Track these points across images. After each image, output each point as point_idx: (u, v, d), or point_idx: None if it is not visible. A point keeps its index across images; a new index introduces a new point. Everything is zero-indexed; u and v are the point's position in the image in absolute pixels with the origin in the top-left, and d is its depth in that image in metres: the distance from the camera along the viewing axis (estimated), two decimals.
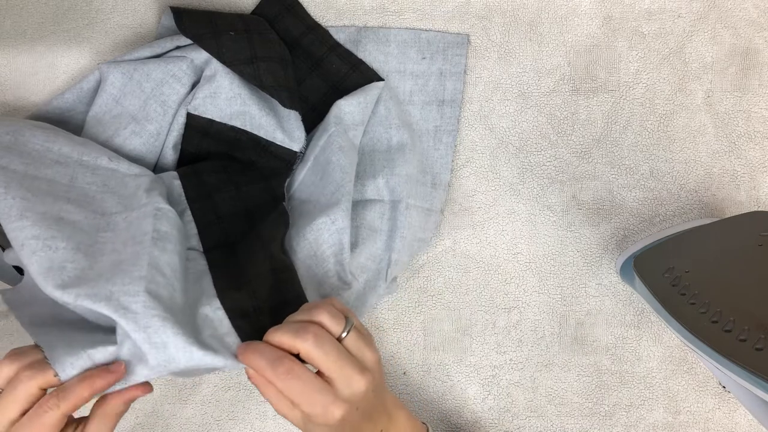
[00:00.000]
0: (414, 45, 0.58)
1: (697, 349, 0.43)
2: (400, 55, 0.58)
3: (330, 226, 0.51)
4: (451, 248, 0.58)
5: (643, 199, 0.58)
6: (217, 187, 0.53)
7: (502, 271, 0.58)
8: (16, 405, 0.39)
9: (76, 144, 0.49)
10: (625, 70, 0.59)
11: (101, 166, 0.49)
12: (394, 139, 0.57)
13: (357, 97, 0.55)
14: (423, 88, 0.58)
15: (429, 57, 0.58)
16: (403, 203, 0.55)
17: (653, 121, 0.59)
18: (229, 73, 0.54)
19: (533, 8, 0.59)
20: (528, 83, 0.59)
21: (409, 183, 0.56)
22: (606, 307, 0.58)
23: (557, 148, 0.59)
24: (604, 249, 0.58)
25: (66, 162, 0.48)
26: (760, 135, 0.59)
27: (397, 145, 0.57)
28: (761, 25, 0.59)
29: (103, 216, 0.47)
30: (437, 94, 0.58)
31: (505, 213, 0.58)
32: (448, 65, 0.58)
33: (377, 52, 0.58)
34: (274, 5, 0.58)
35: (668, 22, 0.59)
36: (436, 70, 0.58)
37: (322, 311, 0.43)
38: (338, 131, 0.54)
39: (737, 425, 0.57)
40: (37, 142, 0.48)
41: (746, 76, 0.59)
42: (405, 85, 0.58)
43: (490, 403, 0.58)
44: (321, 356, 0.41)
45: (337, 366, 0.42)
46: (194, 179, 0.53)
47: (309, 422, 0.42)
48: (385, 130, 0.57)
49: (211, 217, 0.52)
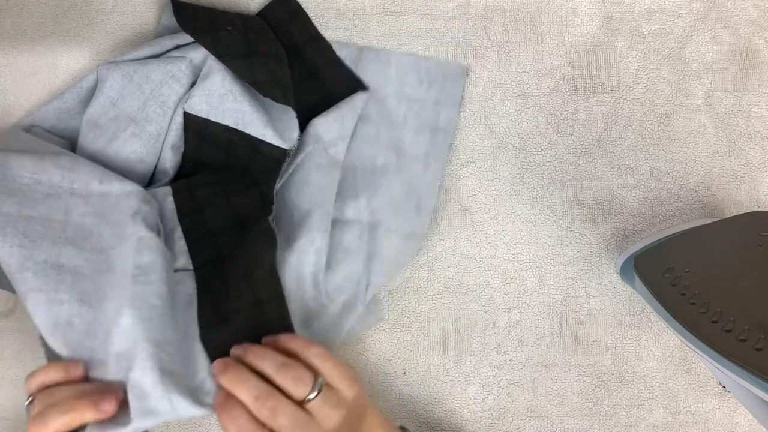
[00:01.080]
0: (413, 71, 0.58)
1: (697, 349, 0.43)
2: (399, 79, 0.58)
3: (309, 247, 0.51)
4: (451, 248, 0.58)
5: (643, 199, 0.58)
6: (210, 200, 0.53)
7: (502, 271, 0.58)
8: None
9: (64, 170, 0.48)
10: (625, 70, 0.59)
11: (93, 193, 0.49)
12: (379, 160, 0.57)
13: (334, 112, 0.55)
14: (418, 113, 0.58)
15: (427, 84, 0.58)
16: (382, 227, 0.55)
17: (653, 121, 0.59)
18: (222, 70, 0.53)
19: (533, 8, 0.59)
20: (528, 83, 0.59)
21: (391, 206, 0.56)
22: (606, 307, 0.58)
23: (557, 148, 0.59)
24: (604, 249, 0.58)
25: (57, 193, 0.48)
26: (760, 135, 0.59)
27: (381, 167, 0.57)
28: (761, 25, 0.59)
29: (101, 253, 0.46)
30: (431, 121, 0.58)
31: (505, 213, 0.58)
32: (444, 95, 0.58)
33: (376, 72, 0.58)
34: (278, 10, 0.58)
35: (668, 22, 0.59)
36: (432, 99, 0.58)
37: (287, 376, 0.42)
38: (316, 149, 0.54)
39: (737, 425, 0.57)
40: (26, 174, 0.47)
41: (746, 76, 0.59)
42: (400, 109, 0.58)
43: (490, 403, 0.58)
44: (277, 428, 0.41)
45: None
46: (186, 195, 0.53)
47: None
48: (372, 150, 0.57)
49: (203, 231, 0.52)
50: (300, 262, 0.51)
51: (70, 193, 0.48)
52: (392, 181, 0.56)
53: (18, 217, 0.45)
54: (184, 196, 0.53)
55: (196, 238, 0.51)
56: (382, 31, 0.59)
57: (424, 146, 0.58)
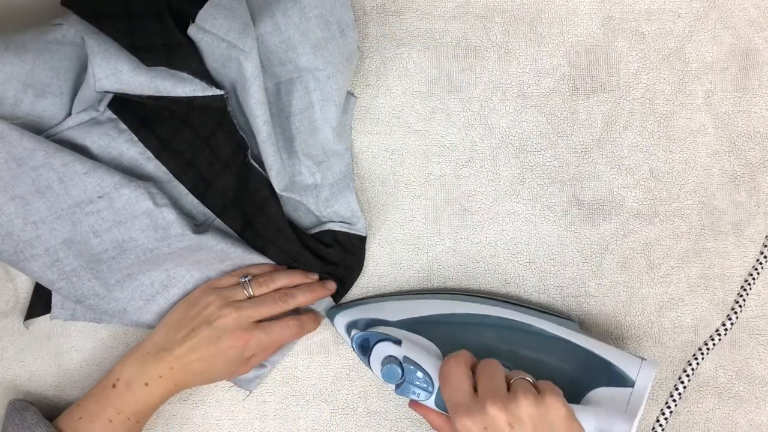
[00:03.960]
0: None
1: None
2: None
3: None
4: (451, 248, 0.58)
5: (643, 199, 0.58)
6: (193, 153, 0.54)
7: (502, 271, 0.58)
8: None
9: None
10: (625, 70, 0.59)
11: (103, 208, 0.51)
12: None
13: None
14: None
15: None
16: (324, 72, 0.53)
17: (653, 121, 0.59)
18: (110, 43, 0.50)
19: (533, 8, 0.59)
20: (528, 83, 0.59)
21: (318, 50, 0.53)
22: (606, 307, 0.58)
23: (557, 148, 0.59)
24: (604, 249, 0.58)
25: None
26: (760, 135, 0.59)
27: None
28: (761, 25, 0.59)
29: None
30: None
31: (505, 213, 0.58)
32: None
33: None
34: None
35: (668, 22, 0.59)
36: None
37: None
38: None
39: (737, 425, 0.57)
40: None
41: (746, 76, 0.59)
42: None
43: None
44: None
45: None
46: (169, 152, 0.54)
47: None
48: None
49: (204, 186, 0.55)
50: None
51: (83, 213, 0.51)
52: (307, 13, 0.52)
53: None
54: (167, 155, 0.53)
55: (202, 191, 0.54)
56: (382, 31, 0.59)
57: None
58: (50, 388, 0.57)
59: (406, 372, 0.49)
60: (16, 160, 0.49)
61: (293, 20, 0.52)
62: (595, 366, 0.52)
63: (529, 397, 0.42)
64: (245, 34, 0.50)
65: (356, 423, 0.57)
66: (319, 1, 0.52)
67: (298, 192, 0.56)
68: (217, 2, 0.50)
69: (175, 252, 0.53)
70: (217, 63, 0.51)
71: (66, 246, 0.51)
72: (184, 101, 0.51)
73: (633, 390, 0.50)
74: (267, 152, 0.53)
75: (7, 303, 0.57)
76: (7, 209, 0.49)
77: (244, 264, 0.55)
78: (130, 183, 0.51)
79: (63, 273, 0.52)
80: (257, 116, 0.51)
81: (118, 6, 0.50)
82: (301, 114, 0.55)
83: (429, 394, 0.49)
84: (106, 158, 0.53)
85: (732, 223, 0.58)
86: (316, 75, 0.54)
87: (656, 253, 0.58)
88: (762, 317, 0.58)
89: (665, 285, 0.58)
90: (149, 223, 0.51)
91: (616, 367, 0.51)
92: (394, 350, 0.50)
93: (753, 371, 0.57)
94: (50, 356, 0.57)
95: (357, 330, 0.53)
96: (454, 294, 0.57)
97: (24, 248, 0.51)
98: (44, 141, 0.50)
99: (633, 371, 0.50)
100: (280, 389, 0.58)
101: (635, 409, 0.49)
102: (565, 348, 0.53)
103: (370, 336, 0.52)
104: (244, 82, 0.50)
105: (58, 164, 0.49)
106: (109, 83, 0.50)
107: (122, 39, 0.49)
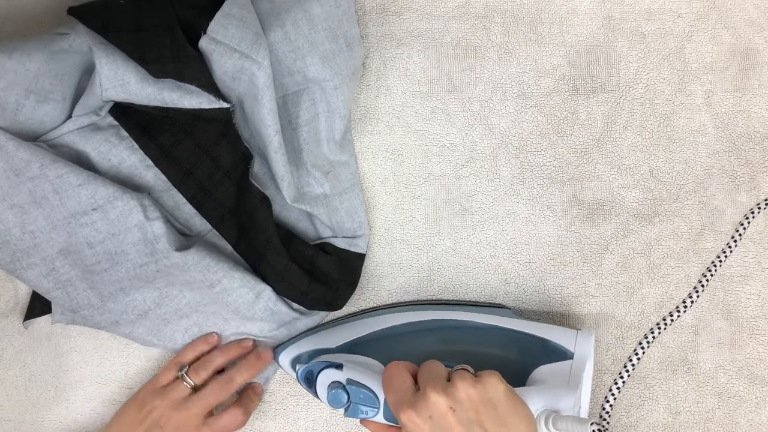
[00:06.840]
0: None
1: None
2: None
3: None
4: (451, 248, 0.58)
5: (643, 199, 0.58)
6: (193, 161, 0.54)
7: (502, 271, 0.58)
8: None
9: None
10: (625, 70, 0.59)
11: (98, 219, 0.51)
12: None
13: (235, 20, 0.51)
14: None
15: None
16: (331, 83, 0.54)
17: (653, 121, 0.59)
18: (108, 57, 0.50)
19: (533, 8, 0.59)
20: (528, 83, 0.59)
21: (326, 61, 0.53)
22: (606, 307, 0.58)
23: (557, 148, 0.59)
24: (604, 249, 0.58)
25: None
26: (760, 135, 0.59)
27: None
28: (761, 25, 0.59)
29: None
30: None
31: (505, 213, 0.58)
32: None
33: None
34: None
35: (668, 22, 0.59)
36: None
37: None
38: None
39: (737, 425, 0.57)
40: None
41: (746, 76, 0.59)
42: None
43: None
44: None
45: None
46: (169, 162, 0.53)
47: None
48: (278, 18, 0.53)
49: (203, 195, 0.55)
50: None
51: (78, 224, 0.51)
52: (317, 25, 0.53)
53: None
54: (167, 163, 0.53)
55: (201, 201, 0.54)
56: (382, 31, 0.59)
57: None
58: (50, 389, 0.57)
59: (351, 394, 0.50)
60: (14, 170, 0.49)
61: (303, 30, 0.52)
62: (533, 346, 0.52)
63: (466, 379, 0.43)
64: (258, 44, 0.50)
65: (356, 423, 0.57)
66: (328, 14, 0.53)
67: (309, 203, 0.56)
68: (228, 12, 0.50)
69: (162, 270, 0.53)
70: (227, 75, 0.51)
71: (62, 256, 0.51)
72: (190, 112, 0.52)
73: (572, 361, 0.50)
74: (278, 163, 0.52)
75: (7, 303, 0.57)
76: (6, 218, 0.50)
77: (232, 288, 0.54)
78: (124, 195, 0.51)
79: (59, 282, 0.52)
80: (269, 126, 0.51)
81: (128, 18, 0.50)
82: (308, 125, 0.55)
83: (376, 410, 0.50)
84: (106, 165, 0.53)
85: (732, 223, 0.58)
86: (323, 86, 0.54)
87: (656, 253, 0.58)
88: (762, 317, 0.58)
89: (665, 285, 0.58)
90: (140, 236, 0.51)
91: (553, 343, 0.52)
92: (337, 375, 0.51)
93: (753, 371, 0.57)
94: (50, 357, 0.57)
95: (300, 364, 0.53)
96: (388, 308, 0.57)
97: (21, 257, 0.51)
98: (40, 151, 0.49)
99: (570, 344, 0.51)
100: (280, 389, 0.58)
101: (577, 379, 0.49)
102: (501, 335, 0.53)
103: (313, 367, 0.52)
104: (255, 93, 0.50)
105: (53, 175, 0.49)
106: (116, 93, 0.51)
107: (131, 51, 0.49)
